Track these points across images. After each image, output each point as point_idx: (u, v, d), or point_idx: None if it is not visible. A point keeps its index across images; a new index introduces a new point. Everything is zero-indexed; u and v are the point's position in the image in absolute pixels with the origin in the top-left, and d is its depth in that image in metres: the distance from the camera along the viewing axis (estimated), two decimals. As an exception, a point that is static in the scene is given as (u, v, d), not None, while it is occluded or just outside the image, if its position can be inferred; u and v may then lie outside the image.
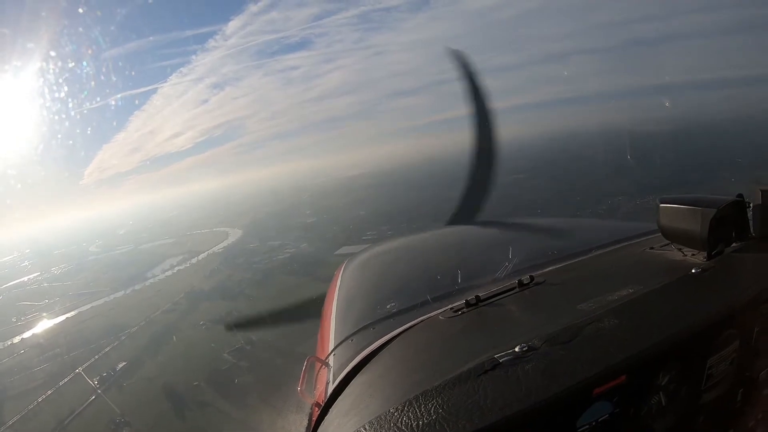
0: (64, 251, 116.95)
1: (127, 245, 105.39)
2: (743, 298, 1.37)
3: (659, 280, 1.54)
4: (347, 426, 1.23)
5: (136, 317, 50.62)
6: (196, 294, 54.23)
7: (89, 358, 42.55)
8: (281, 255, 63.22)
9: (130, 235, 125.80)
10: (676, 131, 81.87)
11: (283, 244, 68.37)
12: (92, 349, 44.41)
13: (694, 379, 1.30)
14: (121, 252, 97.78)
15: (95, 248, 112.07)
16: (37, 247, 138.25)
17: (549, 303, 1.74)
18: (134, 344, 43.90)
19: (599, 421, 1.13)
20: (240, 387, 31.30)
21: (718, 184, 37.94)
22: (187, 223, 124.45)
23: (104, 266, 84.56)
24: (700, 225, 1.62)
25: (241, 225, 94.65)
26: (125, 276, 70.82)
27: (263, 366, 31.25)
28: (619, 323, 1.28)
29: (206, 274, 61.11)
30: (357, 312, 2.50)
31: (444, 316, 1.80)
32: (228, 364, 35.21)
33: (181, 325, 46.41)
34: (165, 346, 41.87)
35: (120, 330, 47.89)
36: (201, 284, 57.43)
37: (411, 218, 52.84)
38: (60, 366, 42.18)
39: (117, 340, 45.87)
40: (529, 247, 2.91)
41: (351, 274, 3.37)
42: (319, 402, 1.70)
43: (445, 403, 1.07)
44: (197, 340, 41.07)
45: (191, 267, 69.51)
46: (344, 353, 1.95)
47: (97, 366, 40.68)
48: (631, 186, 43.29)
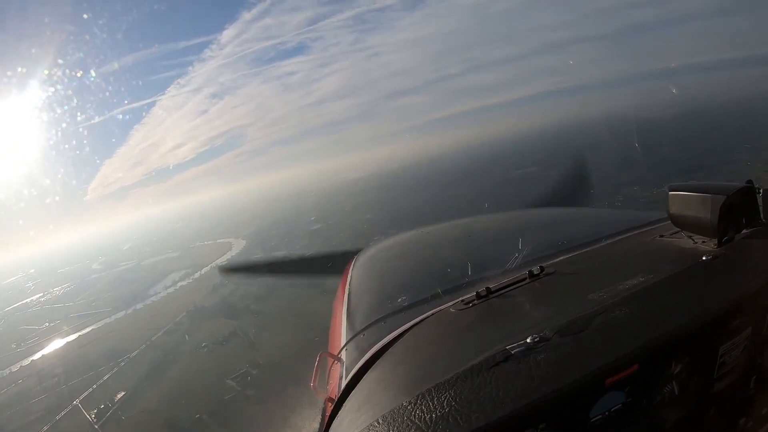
0: (67, 270, 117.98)
1: (130, 261, 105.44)
2: (755, 285, 1.35)
3: (670, 268, 1.52)
4: (361, 420, 1.23)
5: (137, 340, 48.38)
6: (198, 312, 51.93)
7: (88, 387, 40.54)
8: (287, 266, 60.70)
9: (133, 249, 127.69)
10: (682, 115, 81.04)
11: (289, 253, 66.02)
12: (91, 377, 42.45)
13: (706, 368, 1.29)
14: (124, 268, 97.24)
15: (98, 265, 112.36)
16: (42, 266, 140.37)
17: (560, 293, 1.72)
18: (134, 371, 41.49)
19: (612, 411, 1.14)
20: (247, 418, 28.40)
21: (735, 167, 37.29)
22: (191, 234, 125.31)
23: (107, 284, 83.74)
24: (710, 212, 1.59)
25: (245, 234, 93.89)
26: (127, 294, 69.46)
27: (271, 394, 28.11)
28: (630, 312, 1.28)
29: (209, 290, 58.71)
30: (368, 306, 2.52)
31: (455, 309, 1.80)
32: (232, 392, 32.20)
33: (183, 347, 43.86)
34: (166, 372, 39.22)
35: (119, 355, 45.71)
36: (203, 301, 55.19)
37: (418, 219, 50.54)
38: (58, 397, 40.40)
39: (116, 366, 43.67)
40: (538, 237, 2.79)
41: (361, 268, 3.37)
42: (332, 397, 1.70)
43: (458, 396, 1.09)
44: (199, 365, 38.43)
45: (194, 282, 67.48)
46: (356, 348, 1.95)
47: (95, 397, 38.58)
48: (646, 174, 41.21)
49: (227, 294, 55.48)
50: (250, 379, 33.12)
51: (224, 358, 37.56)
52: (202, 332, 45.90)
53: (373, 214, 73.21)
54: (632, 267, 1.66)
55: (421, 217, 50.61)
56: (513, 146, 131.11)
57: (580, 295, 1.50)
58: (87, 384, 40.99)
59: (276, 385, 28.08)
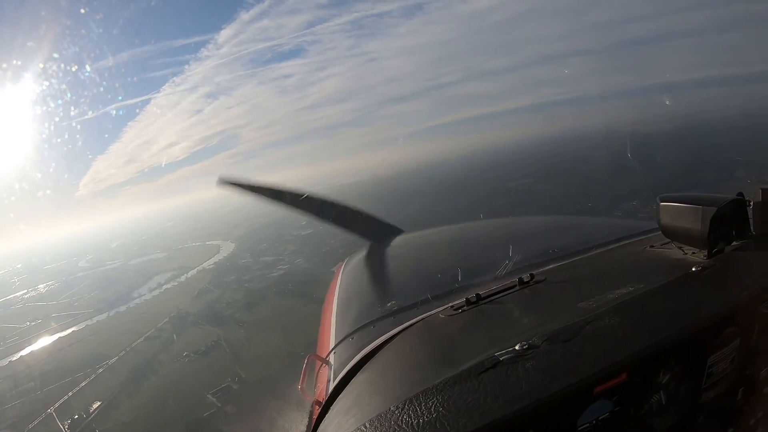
0: (54, 266, 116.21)
1: (117, 260, 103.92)
2: (744, 297, 1.36)
3: (660, 278, 1.53)
4: (348, 424, 1.23)
5: (117, 345, 47.03)
6: (181, 318, 50.67)
7: (64, 394, 39.18)
8: (274, 272, 59.82)
9: (122, 248, 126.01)
10: (678, 129, 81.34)
11: (277, 259, 65.28)
12: (68, 383, 41.14)
13: (694, 378, 1.30)
14: (111, 268, 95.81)
15: (85, 263, 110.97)
16: (29, 262, 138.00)
17: (549, 301, 1.71)
18: (112, 379, 40.10)
19: (600, 420, 1.14)
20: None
21: (734, 184, 35.71)
22: (180, 234, 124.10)
23: (91, 284, 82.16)
24: (701, 223, 1.60)
25: (235, 237, 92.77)
26: (111, 295, 68.07)
27: (252, 413, 27.01)
28: (619, 321, 1.28)
29: (194, 295, 57.61)
30: (357, 310, 2.50)
31: (444, 314, 1.79)
32: (212, 408, 30.96)
33: (163, 356, 42.62)
34: (144, 383, 37.93)
35: (98, 360, 44.32)
36: (188, 306, 53.91)
37: (411, 228, 49.43)
38: (33, 404, 39.06)
39: (94, 372, 42.30)
40: (530, 244, 2.81)
41: (351, 272, 3.36)
42: (319, 400, 1.70)
43: (446, 402, 1.09)
44: (179, 376, 37.26)
45: (179, 286, 66.13)
46: (345, 351, 1.94)
47: (70, 405, 37.24)
48: (645, 188, 40.65)
49: (212, 299, 54.45)
50: (232, 394, 31.97)
51: (206, 370, 36.48)
52: (185, 340, 44.72)
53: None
54: (622, 276, 1.65)
55: (413, 225, 49.61)
56: (507, 156, 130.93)
57: (570, 303, 1.50)
58: (63, 391, 39.71)
59: (259, 404, 27.00)
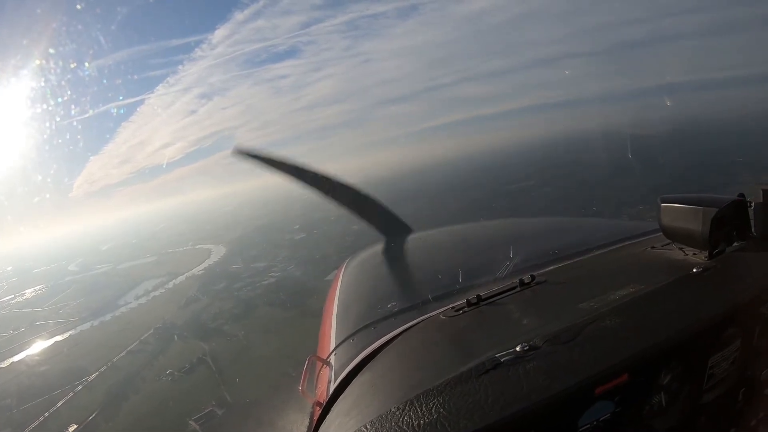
0: (44, 270, 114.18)
1: (106, 264, 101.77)
2: (744, 298, 1.36)
3: (660, 279, 1.52)
4: (349, 425, 1.25)
5: (98, 359, 44.66)
6: (167, 329, 48.33)
7: (40, 414, 36.87)
8: (266, 279, 57.63)
9: (112, 251, 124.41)
10: (677, 132, 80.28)
11: (269, 265, 62.95)
12: (45, 401, 38.79)
13: (695, 379, 1.30)
14: (99, 272, 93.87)
15: (75, 267, 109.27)
16: (19, 264, 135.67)
17: (550, 302, 1.72)
18: (90, 399, 37.78)
19: (601, 421, 1.14)
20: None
21: (740, 188, 34.11)
22: (172, 237, 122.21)
23: (79, 289, 79.80)
24: (702, 224, 1.60)
25: (227, 241, 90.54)
26: (97, 303, 65.79)
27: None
28: (620, 322, 1.28)
29: (181, 304, 55.29)
30: (358, 311, 2.50)
31: (445, 316, 1.79)
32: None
33: (146, 372, 40.25)
34: (123, 404, 35.57)
35: (78, 377, 41.95)
36: (174, 317, 51.60)
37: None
38: (7, 423, 37.09)
39: (72, 390, 39.98)
40: (530, 246, 2.80)
41: (352, 273, 3.36)
42: (320, 401, 1.69)
43: (446, 403, 1.09)
44: (160, 398, 34.85)
45: (167, 293, 63.83)
46: (345, 352, 1.95)
47: (45, 427, 35.10)
48: (646, 190, 38.94)
49: (200, 310, 52.13)
50: (215, 421, 29.68)
51: (189, 391, 34.18)
52: (168, 355, 42.50)
53: (360, 224, 70.30)
54: (623, 277, 1.64)
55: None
56: (505, 159, 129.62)
57: (571, 305, 1.50)
58: (40, 410, 37.36)
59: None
